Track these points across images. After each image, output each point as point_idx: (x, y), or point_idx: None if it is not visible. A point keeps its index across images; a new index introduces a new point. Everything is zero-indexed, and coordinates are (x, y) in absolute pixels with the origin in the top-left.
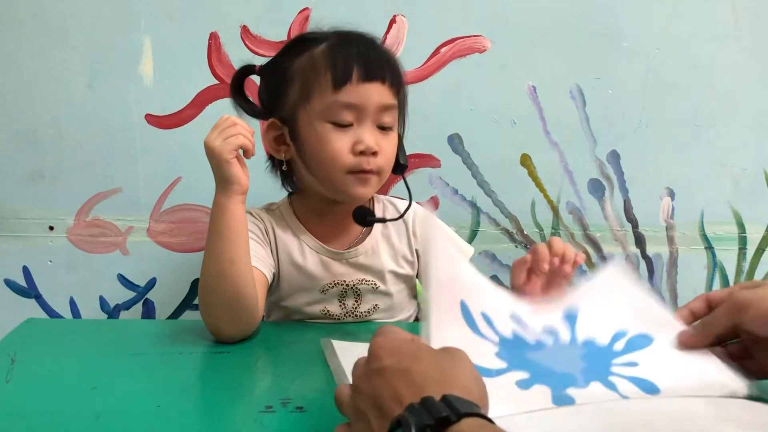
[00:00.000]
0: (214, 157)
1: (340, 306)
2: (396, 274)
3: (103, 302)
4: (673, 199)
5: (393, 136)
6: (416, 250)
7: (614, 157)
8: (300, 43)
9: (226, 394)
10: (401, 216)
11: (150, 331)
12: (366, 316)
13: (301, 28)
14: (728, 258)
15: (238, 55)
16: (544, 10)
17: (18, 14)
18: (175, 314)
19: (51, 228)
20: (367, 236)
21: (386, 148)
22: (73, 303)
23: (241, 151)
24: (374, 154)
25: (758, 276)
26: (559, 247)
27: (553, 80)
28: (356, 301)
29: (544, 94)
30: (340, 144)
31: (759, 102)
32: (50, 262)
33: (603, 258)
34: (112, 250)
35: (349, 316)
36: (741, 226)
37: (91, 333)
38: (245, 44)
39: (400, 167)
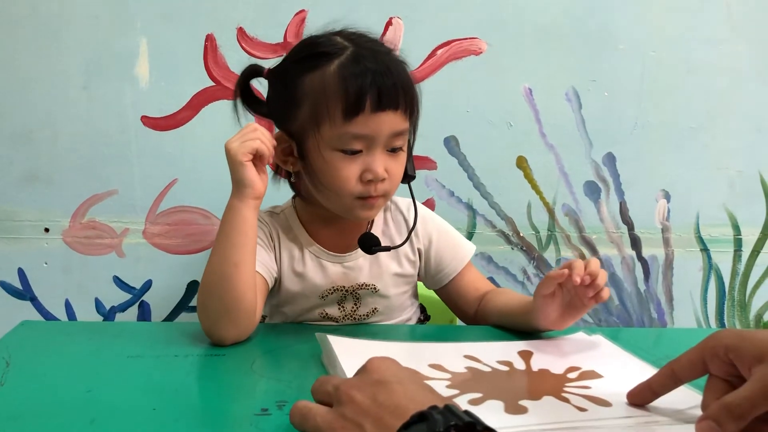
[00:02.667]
0: (230, 158)
1: (339, 309)
2: (397, 275)
3: (98, 304)
4: (668, 202)
5: (401, 157)
6: (418, 249)
7: (610, 159)
8: (311, 58)
9: (222, 396)
10: (404, 242)
11: (145, 334)
12: (365, 318)
13: (298, 30)
14: (724, 260)
15: (235, 57)
16: (540, 12)
17: (14, 15)
18: (171, 316)
19: (46, 230)
20: None
21: (394, 171)
22: (68, 305)
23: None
24: (382, 180)
25: (753, 277)
26: (596, 270)
27: (549, 82)
28: (355, 305)
29: (540, 97)
30: (348, 172)
31: (754, 104)
32: (45, 264)
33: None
34: (108, 252)
35: (348, 318)
36: (736, 229)
37: (86, 335)
38: (241, 46)
39: (407, 177)
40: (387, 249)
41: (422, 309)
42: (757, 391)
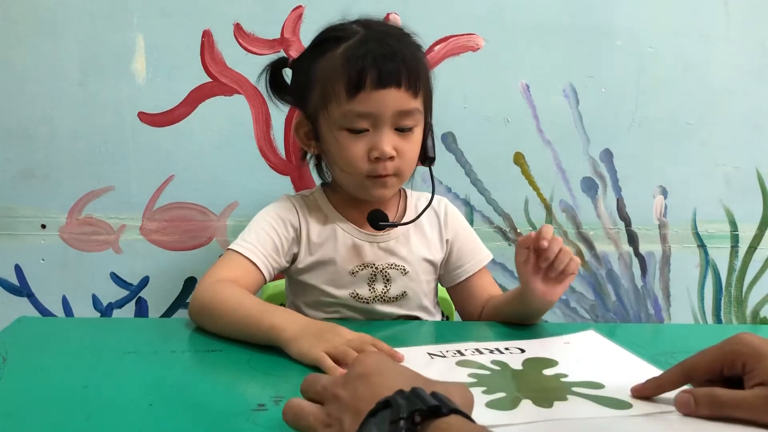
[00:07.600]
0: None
1: (370, 290)
2: (426, 261)
3: (95, 301)
4: (665, 198)
5: (414, 137)
6: (447, 240)
7: (607, 155)
8: (324, 42)
9: (219, 392)
10: (414, 220)
11: (142, 330)
12: (395, 301)
13: (295, 26)
14: (720, 256)
15: (232, 53)
16: (537, 8)
17: (10, 12)
18: (168, 312)
19: (43, 226)
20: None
21: (405, 150)
22: (65, 301)
23: None
24: (391, 158)
25: (750, 273)
26: (547, 234)
27: (546, 79)
28: (386, 286)
29: (538, 93)
30: (356, 150)
31: (751, 101)
32: (42, 260)
33: (596, 256)
34: (105, 248)
35: (378, 300)
36: (733, 225)
37: (83, 331)
38: (238, 42)
39: (428, 159)
40: (394, 225)
41: (442, 313)
42: (746, 403)
